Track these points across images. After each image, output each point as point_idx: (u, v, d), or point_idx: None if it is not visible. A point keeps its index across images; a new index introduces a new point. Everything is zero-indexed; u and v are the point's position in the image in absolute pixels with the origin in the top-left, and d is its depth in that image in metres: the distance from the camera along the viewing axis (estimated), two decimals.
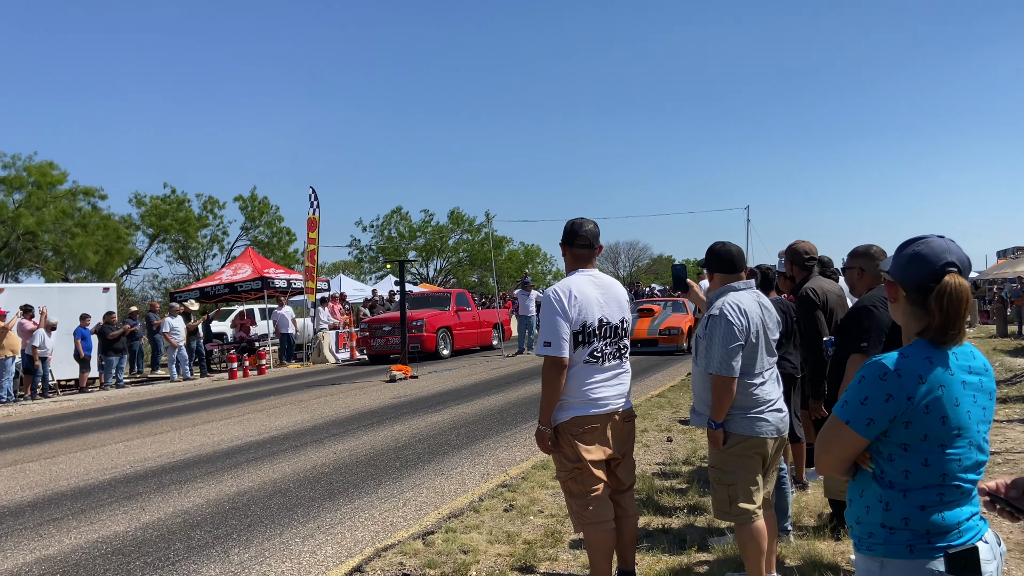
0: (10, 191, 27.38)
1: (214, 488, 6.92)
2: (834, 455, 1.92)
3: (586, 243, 3.84)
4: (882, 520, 1.85)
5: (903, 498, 1.83)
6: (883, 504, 1.85)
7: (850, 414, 1.86)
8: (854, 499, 1.95)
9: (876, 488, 1.87)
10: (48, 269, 27.10)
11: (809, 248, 5.46)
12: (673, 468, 6.74)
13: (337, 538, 5.31)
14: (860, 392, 1.85)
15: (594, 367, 3.70)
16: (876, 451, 1.87)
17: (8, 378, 15.75)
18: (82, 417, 12.98)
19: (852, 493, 1.96)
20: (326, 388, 15.00)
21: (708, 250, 3.93)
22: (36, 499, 6.91)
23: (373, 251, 48.90)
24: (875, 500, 1.86)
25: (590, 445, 3.67)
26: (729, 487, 3.68)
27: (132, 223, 33.66)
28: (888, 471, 1.85)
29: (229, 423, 10.90)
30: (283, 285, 22.27)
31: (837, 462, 1.92)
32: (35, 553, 5.33)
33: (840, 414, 1.88)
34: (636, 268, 75.38)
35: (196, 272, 37.83)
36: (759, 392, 3.67)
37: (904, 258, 1.92)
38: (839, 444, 1.89)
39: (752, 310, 3.71)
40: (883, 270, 2.01)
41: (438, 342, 20.03)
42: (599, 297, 3.75)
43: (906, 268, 1.90)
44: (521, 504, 5.76)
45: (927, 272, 1.86)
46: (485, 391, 12.95)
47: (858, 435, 1.85)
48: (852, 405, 1.86)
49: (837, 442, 1.89)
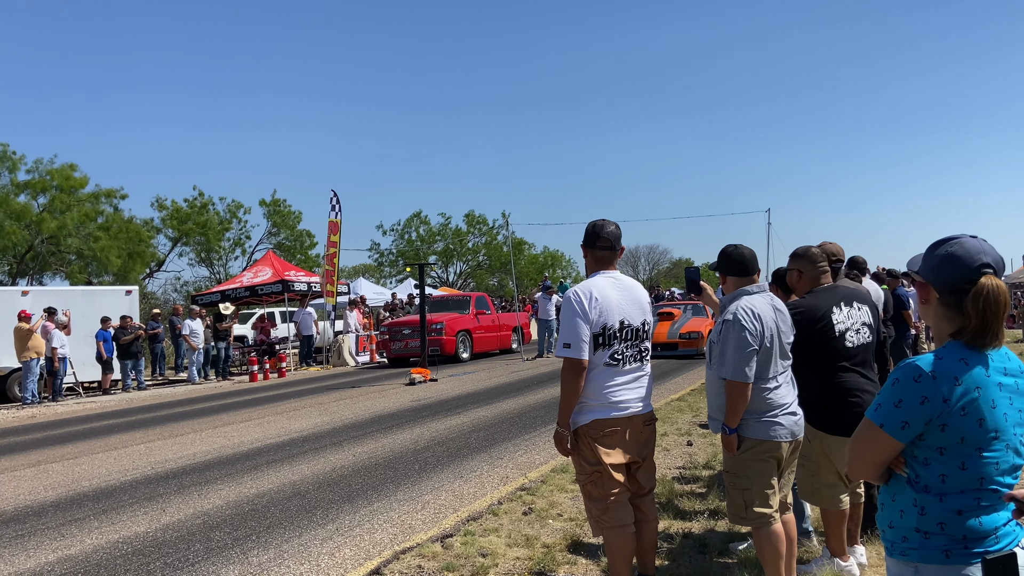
0: (34, 194, 27.76)
1: (234, 490, 6.94)
2: (868, 459, 1.87)
3: (608, 245, 3.80)
4: (917, 524, 1.81)
5: (939, 502, 1.78)
6: (918, 508, 1.80)
7: (884, 417, 1.81)
8: (886, 503, 1.90)
9: (910, 492, 1.82)
10: (72, 272, 27.43)
11: (827, 252, 5.38)
12: (693, 472, 6.68)
13: (356, 540, 5.31)
14: (894, 395, 1.80)
15: (614, 369, 3.67)
16: (911, 455, 1.83)
17: (32, 379, 15.95)
18: (104, 419, 13.10)
19: (884, 497, 1.92)
20: (346, 391, 15.04)
21: (720, 253, 3.90)
22: (59, 499, 6.97)
23: (393, 254, 49.14)
24: (909, 504, 1.82)
25: (610, 448, 3.63)
26: (744, 492, 3.64)
27: (154, 227, 34.02)
28: (924, 475, 1.81)
29: (249, 425, 10.96)
30: (303, 288, 22.39)
31: (871, 466, 1.87)
32: (57, 553, 5.36)
33: (874, 417, 1.83)
34: (656, 271, 75.12)
35: (218, 275, 38.16)
36: (773, 396, 3.64)
37: (936, 259, 1.86)
38: (873, 448, 1.84)
39: (766, 314, 3.67)
40: (912, 270, 1.96)
41: (458, 345, 20.04)
42: (620, 299, 3.71)
43: (939, 269, 1.85)
44: (540, 507, 5.73)
45: (962, 274, 1.80)
46: (504, 394, 12.92)
47: (893, 439, 1.80)
48: (886, 408, 1.81)
49: (871, 446, 1.85)
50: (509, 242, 29.73)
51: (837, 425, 4.04)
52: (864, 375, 4.15)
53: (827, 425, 4.07)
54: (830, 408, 4.07)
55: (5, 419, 13.98)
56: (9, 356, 16.39)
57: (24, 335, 15.77)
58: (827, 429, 4.07)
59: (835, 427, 4.05)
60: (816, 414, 4.05)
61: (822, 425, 4.07)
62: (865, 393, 4.09)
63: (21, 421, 13.58)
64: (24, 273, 28.22)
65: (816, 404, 4.06)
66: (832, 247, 5.46)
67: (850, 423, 4.05)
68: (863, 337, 4.17)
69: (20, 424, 13.14)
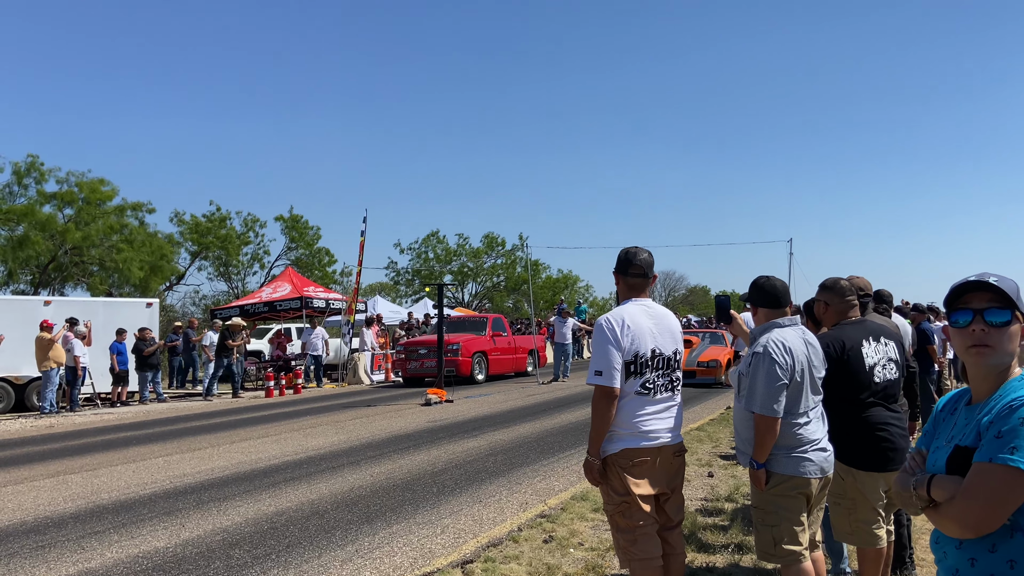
0: (60, 206, 28.10)
1: (252, 507, 6.93)
2: (1008, 511, 1.71)
3: (640, 272, 3.79)
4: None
5: None
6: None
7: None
8: (979, 556, 1.78)
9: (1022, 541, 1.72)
10: (94, 283, 27.67)
11: (856, 286, 5.34)
12: (716, 505, 6.61)
13: (376, 563, 5.27)
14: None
15: (645, 399, 3.64)
16: None
17: (52, 389, 16.05)
18: (121, 431, 13.15)
19: (978, 549, 1.79)
20: (362, 409, 15.03)
21: (752, 284, 3.88)
22: (78, 511, 6.98)
23: (409, 273, 49.27)
24: (1021, 554, 1.72)
25: (639, 479, 3.59)
26: (773, 528, 3.59)
27: (175, 240, 34.33)
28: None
29: (266, 441, 10.96)
30: (322, 305, 22.47)
31: (1004, 518, 1.71)
32: (78, 566, 5.36)
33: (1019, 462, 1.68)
34: (672, 298, 74.81)
35: (236, 290, 38.40)
36: (803, 432, 3.59)
37: None
38: (1015, 497, 1.69)
39: (798, 348, 3.63)
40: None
41: (473, 367, 19.99)
42: (652, 327, 3.69)
43: None
44: (561, 536, 5.67)
45: None
46: (521, 418, 12.86)
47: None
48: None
49: (1014, 497, 1.69)
50: (528, 264, 29.68)
51: (866, 460, 4.00)
52: (890, 409, 4.11)
53: (857, 461, 4.02)
54: (859, 443, 4.02)
55: (23, 428, 14.06)
56: (28, 365, 16.52)
57: (45, 345, 15.90)
58: (857, 465, 4.01)
59: (864, 462, 4.00)
60: (845, 450, 4.00)
61: (852, 461, 4.02)
62: (892, 427, 4.04)
63: (39, 431, 13.66)
64: (46, 283, 28.51)
65: (845, 440, 4.00)
66: (860, 281, 5.42)
67: (878, 458, 4.01)
68: (890, 373, 4.13)
69: (38, 433, 13.21)
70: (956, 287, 1.93)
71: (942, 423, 2.04)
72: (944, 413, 2.06)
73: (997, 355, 1.85)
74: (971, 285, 1.90)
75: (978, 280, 1.89)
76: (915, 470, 1.98)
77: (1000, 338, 1.84)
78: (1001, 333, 1.84)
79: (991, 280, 1.88)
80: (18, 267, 26.65)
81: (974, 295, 1.90)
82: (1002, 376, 1.87)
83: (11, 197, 27.12)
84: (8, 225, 26.39)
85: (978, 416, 1.85)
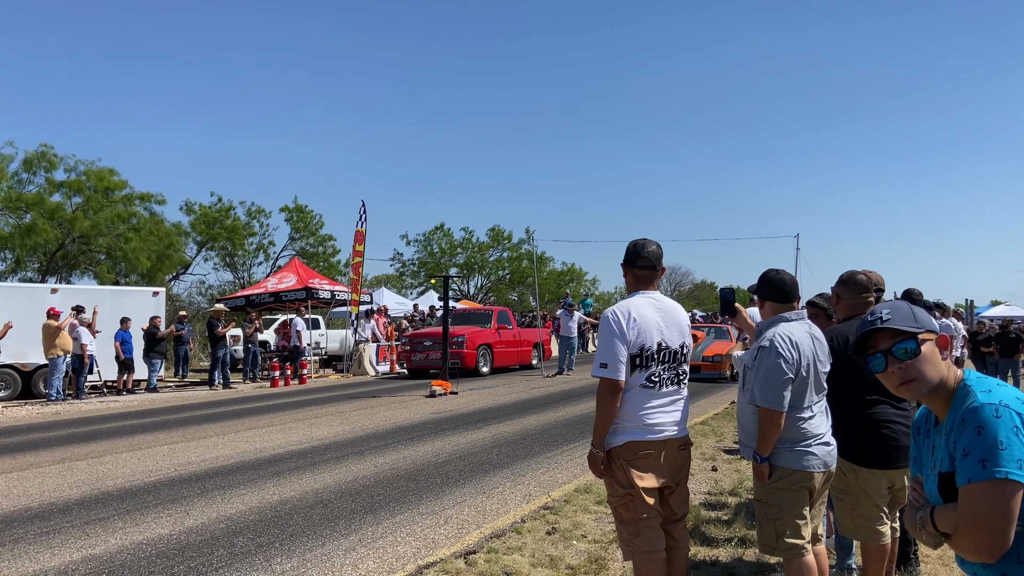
0: (68, 195, 28.13)
1: (256, 495, 6.94)
2: (1012, 520, 1.67)
3: (648, 264, 3.77)
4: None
5: None
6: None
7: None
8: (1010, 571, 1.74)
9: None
10: (101, 272, 27.71)
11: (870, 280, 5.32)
12: (719, 499, 6.60)
13: (379, 552, 5.28)
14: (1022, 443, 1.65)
15: (651, 392, 3.62)
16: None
17: (59, 377, 16.12)
18: (127, 419, 13.19)
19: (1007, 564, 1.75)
20: (367, 400, 15.05)
21: (761, 277, 3.86)
22: (83, 497, 7.01)
23: (415, 265, 49.25)
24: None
25: (643, 472, 3.58)
26: (776, 521, 3.59)
27: (183, 230, 34.35)
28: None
29: (271, 431, 10.98)
30: (327, 296, 22.49)
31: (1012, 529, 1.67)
32: (82, 552, 5.38)
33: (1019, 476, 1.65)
34: (677, 293, 74.65)
35: (242, 280, 38.43)
36: (807, 426, 3.59)
37: None
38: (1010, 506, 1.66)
39: (804, 342, 3.62)
40: None
41: (478, 359, 20.02)
42: (659, 321, 3.67)
43: None
44: (564, 527, 5.67)
45: None
46: (525, 410, 12.87)
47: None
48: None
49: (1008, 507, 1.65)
50: (534, 257, 29.70)
51: (869, 457, 3.98)
52: (897, 407, 4.09)
53: (859, 457, 4.00)
54: (862, 440, 4.00)
55: (30, 415, 14.13)
56: (35, 352, 16.59)
57: (52, 332, 15.97)
58: (859, 461, 4.00)
59: (867, 459, 3.98)
60: (848, 446, 3.98)
61: (855, 457, 4.00)
62: (896, 424, 4.02)
63: (45, 417, 13.72)
64: (54, 271, 28.57)
65: (848, 436, 3.99)
66: (873, 276, 5.40)
67: (881, 455, 3.99)
68: None
69: (45, 420, 13.27)
70: (858, 337, 1.99)
71: (923, 447, 2.03)
72: (921, 436, 2.05)
73: (925, 382, 1.88)
74: (869, 332, 1.96)
75: (871, 328, 1.95)
76: (918, 502, 1.96)
77: (919, 367, 1.88)
78: (917, 362, 1.88)
79: (883, 318, 1.93)
80: (26, 255, 26.71)
81: (876, 337, 1.95)
82: (945, 390, 1.88)
83: (20, 185, 27.15)
84: (17, 213, 26.45)
85: (945, 435, 1.86)
